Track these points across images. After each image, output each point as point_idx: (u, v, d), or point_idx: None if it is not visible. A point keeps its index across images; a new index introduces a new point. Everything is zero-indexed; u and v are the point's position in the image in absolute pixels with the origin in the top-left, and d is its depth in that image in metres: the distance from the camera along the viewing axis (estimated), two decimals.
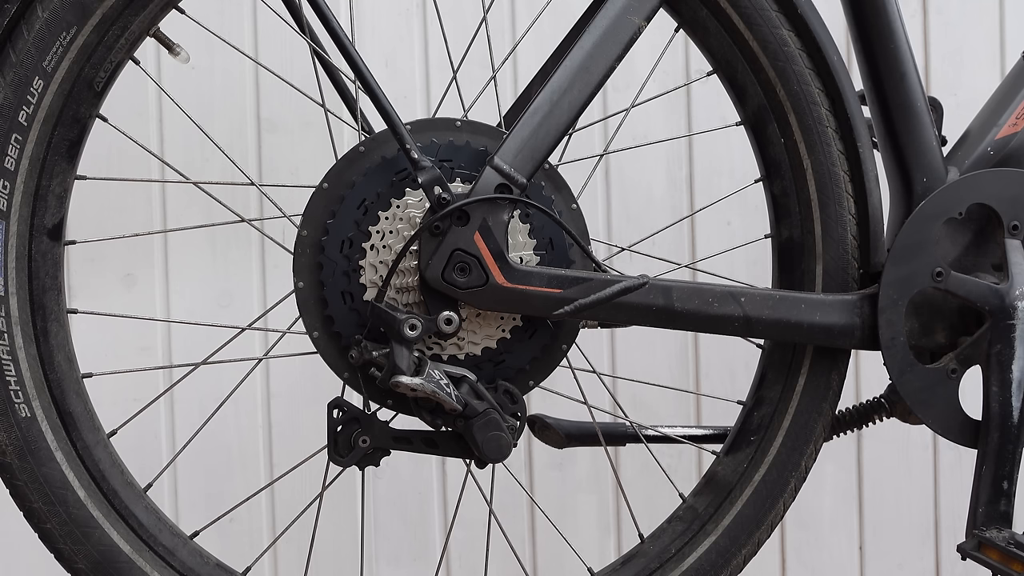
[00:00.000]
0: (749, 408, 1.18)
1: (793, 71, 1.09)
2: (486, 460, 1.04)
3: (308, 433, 1.16)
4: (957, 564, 1.88)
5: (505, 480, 1.25)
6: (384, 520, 1.80)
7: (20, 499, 1.02)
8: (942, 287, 1.10)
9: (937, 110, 1.17)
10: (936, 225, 1.11)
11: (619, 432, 1.25)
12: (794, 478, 1.15)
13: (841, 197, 1.11)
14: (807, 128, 1.10)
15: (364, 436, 1.05)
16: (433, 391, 0.99)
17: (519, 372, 1.07)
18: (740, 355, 1.37)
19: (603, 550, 1.81)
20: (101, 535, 1.04)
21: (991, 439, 1.10)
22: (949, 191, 1.11)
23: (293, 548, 1.72)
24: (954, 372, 1.12)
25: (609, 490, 1.83)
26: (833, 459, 1.83)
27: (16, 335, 1.01)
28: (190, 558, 1.08)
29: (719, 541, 1.14)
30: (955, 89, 1.81)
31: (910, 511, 1.89)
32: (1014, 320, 1.09)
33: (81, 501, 1.03)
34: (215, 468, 1.74)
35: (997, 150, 1.15)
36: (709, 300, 1.07)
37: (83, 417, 1.05)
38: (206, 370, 1.18)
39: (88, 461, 1.05)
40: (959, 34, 1.88)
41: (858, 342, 1.11)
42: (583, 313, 1.03)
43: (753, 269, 1.39)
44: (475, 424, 1.02)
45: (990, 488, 1.10)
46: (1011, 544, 1.06)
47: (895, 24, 1.11)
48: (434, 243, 1.00)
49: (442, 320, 1.01)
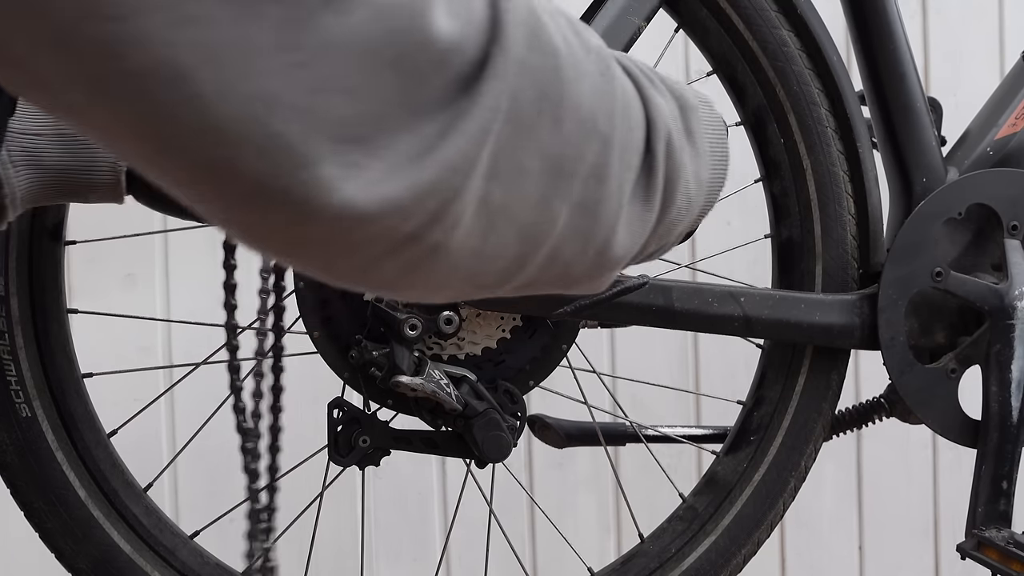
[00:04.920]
0: (749, 408, 1.18)
1: (793, 71, 1.09)
2: (486, 460, 1.04)
3: (308, 433, 1.16)
4: (956, 563, 1.88)
5: (505, 480, 1.25)
6: (384, 520, 1.80)
7: (21, 498, 1.03)
8: (941, 287, 1.10)
9: (936, 110, 1.17)
10: (936, 225, 1.11)
11: (619, 432, 1.25)
12: (794, 478, 1.15)
13: (841, 197, 1.11)
14: (807, 128, 1.10)
15: (364, 436, 1.05)
16: (433, 391, 0.99)
17: (519, 372, 1.07)
18: (740, 355, 1.37)
19: (603, 550, 1.81)
20: (101, 535, 1.04)
21: (990, 439, 1.10)
22: (948, 191, 1.11)
23: (293, 548, 1.72)
24: (953, 372, 1.12)
25: (609, 490, 1.83)
26: (833, 459, 1.83)
27: (17, 335, 1.01)
28: (190, 558, 1.09)
29: (719, 541, 1.14)
30: (954, 89, 1.81)
31: (909, 511, 1.89)
32: (1013, 320, 1.09)
33: (82, 501, 1.03)
34: (215, 468, 1.74)
35: (996, 150, 1.15)
36: (709, 300, 1.07)
37: (83, 417, 1.05)
38: (206, 370, 1.18)
39: (88, 461, 1.05)
40: (958, 34, 1.88)
41: (858, 342, 1.11)
42: (583, 313, 1.03)
43: (753, 269, 1.38)
44: (475, 424, 1.02)
45: (989, 488, 1.10)
46: (1010, 543, 1.06)
47: (895, 24, 1.11)
48: None
49: (442, 320, 1.01)
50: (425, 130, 0.39)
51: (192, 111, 0.35)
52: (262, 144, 0.36)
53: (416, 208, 0.40)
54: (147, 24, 0.33)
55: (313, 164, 0.37)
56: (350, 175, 0.38)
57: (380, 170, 0.38)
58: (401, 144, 0.39)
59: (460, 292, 0.49)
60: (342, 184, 0.37)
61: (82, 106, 0.36)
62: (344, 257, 0.41)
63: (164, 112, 0.35)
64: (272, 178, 0.37)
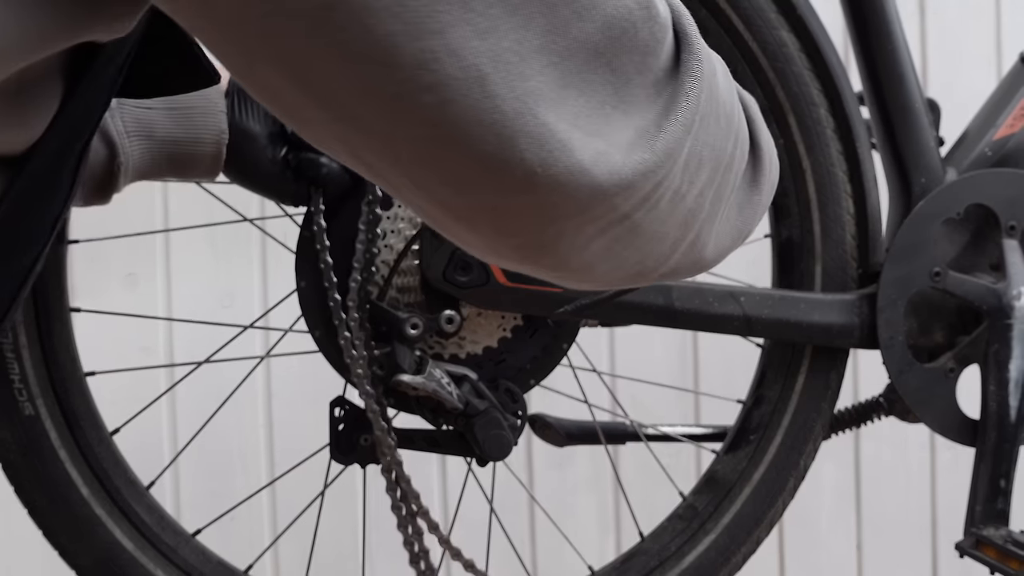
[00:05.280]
0: (748, 407, 1.18)
1: (792, 72, 1.10)
2: (487, 458, 1.04)
3: (309, 432, 1.16)
4: (955, 562, 1.89)
5: (505, 479, 1.26)
6: (385, 519, 1.80)
7: (24, 496, 1.03)
8: (940, 287, 1.11)
9: (935, 111, 1.17)
10: (934, 225, 1.11)
11: (619, 431, 1.26)
12: (793, 477, 1.15)
13: (840, 197, 1.12)
14: (806, 129, 1.11)
15: (365, 435, 1.05)
16: (434, 390, 1.00)
17: (520, 371, 1.07)
18: (740, 354, 1.37)
19: (603, 548, 1.82)
20: (104, 532, 1.04)
21: (989, 438, 1.11)
22: (947, 191, 1.12)
23: (294, 546, 1.73)
24: (952, 371, 1.13)
25: (609, 489, 1.84)
26: (831, 458, 1.84)
27: (20, 334, 1.01)
28: (192, 556, 1.09)
29: (719, 539, 1.14)
30: (953, 90, 1.81)
31: (908, 509, 1.89)
32: (1011, 319, 1.10)
33: (84, 499, 1.04)
34: (217, 466, 1.74)
35: (995, 150, 1.15)
36: (709, 300, 1.07)
37: (86, 415, 1.05)
38: (208, 369, 1.18)
39: (91, 459, 1.05)
40: (957, 35, 1.88)
41: (857, 341, 1.11)
42: (584, 312, 1.03)
43: (753, 269, 1.39)
44: (476, 423, 1.02)
45: (988, 486, 1.11)
46: (1008, 542, 1.06)
47: (893, 25, 1.11)
48: (435, 242, 1.01)
49: (443, 319, 1.02)
50: (647, 119, 0.45)
51: (484, 110, 0.39)
52: (534, 134, 0.41)
53: (637, 189, 0.45)
54: (458, 36, 0.38)
55: (572, 151, 0.42)
56: (598, 160, 0.43)
57: (616, 154, 0.43)
58: (630, 131, 0.44)
59: (626, 277, 0.52)
60: (592, 168, 0.43)
61: (369, 116, 0.41)
62: (567, 237, 0.46)
63: (459, 113, 0.39)
64: (541, 166, 0.41)
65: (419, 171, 0.43)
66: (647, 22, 0.44)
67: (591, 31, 0.42)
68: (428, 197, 0.45)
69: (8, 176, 0.48)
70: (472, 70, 0.39)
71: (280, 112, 0.43)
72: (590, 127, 0.42)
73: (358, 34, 0.37)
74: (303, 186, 0.98)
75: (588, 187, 0.43)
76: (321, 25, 0.37)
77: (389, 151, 0.42)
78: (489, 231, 0.46)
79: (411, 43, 0.37)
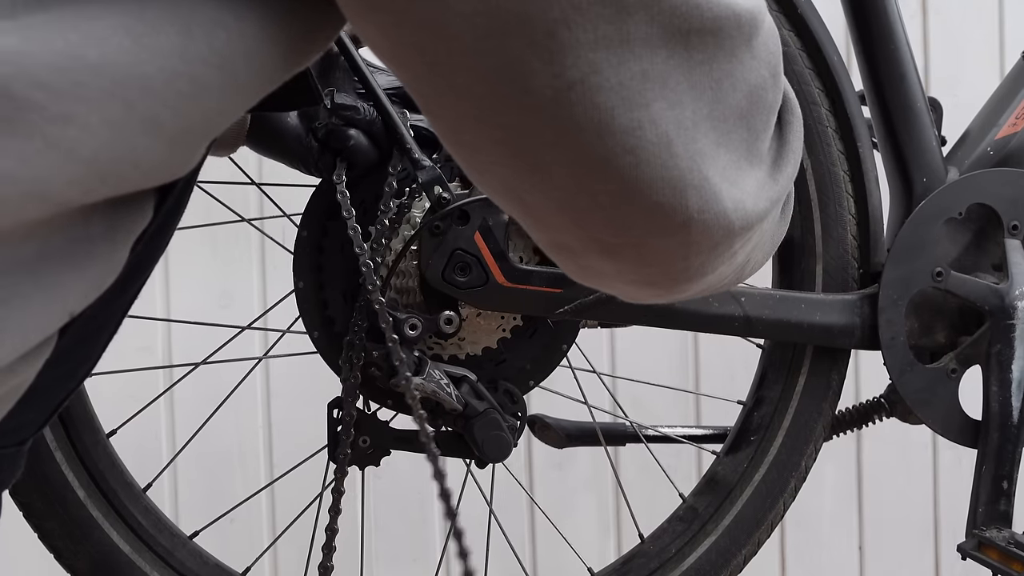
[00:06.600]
0: (749, 408, 1.18)
1: (793, 71, 1.09)
2: (486, 460, 1.04)
3: (308, 433, 1.16)
4: (957, 564, 1.89)
5: (505, 480, 1.25)
6: (384, 520, 1.80)
7: (19, 498, 1.02)
8: (942, 287, 1.10)
9: (937, 110, 1.17)
10: (936, 225, 1.11)
11: (619, 432, 1.25)
12: (794, 478, 1.15)
13: (841, 197, 1.11)
14: (807, 128, 1.10)
15: (364, 436, 1.05)
16: (433, 391, 0.99)
17: (519, 372, 1.07)
18: (740, 355, 1.37)
19: (603, 550, 1.81)
20: (100, 535, 1.04)
21: (991, 439, 1.10)
22: (949, 191, 1.11)
23: (293, 548, 1.72)
24: (954, 372, 1.12)
25: (609, 490, 1.83)
26: (833, 459, 1.83)
27: None
28: (189, 558, 1.08)
29: (719, 541, 1.14)
30: (954, 89, 1.81)
31: (910, 511, 1.89)
32: (1014, 320, 1.09)
33: (80, 501, 1.03)
34: (215, 468, 1.74)
35: (997, 150, 1.15)
36: (709, 300, 1.07)
37: (82, 417, 1.05)
38: (206, 370, 1.18)
39: (87, 461, 1.05)
40: (959, 35, 1.88)
41: (858, 342, 1.11)
42: (583, 313, 1.03)
43: None
44: (475, 424, 1.01)
45: (990, 488, 1.10)
46: (1011, 544, 1.06)
47: (895, 25, 1.11)
48: (434, 243, 1.00)
49: (442, 320, 1.01)
50: (765, 170, 0.53)
51: (667, 167, 0.47)
52: (698, 186, 0.48)
53: (755, 231, 0.53)
54: (658, 108, 0.46)
55: (721, 200, 0.50)
56: (736, 207, 0.50)
57: (747, 201, 0.51)
58: (754, 181, 0.52)
59: (702, 292, 0.59)
60: (731, 214, 0.50)
61: (563, 174, 0.47)
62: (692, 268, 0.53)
63: (648, 171, 0.47)
64: (698, 212, 0.49)
65: (589, 217, 0.49)
66: (774, 87, 0.52)
67: (739, 98, 0.49)
68: (583, 236, 0.51)
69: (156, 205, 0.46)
70: (664, 136, 0.46)
71: (462, 155, 0.49)
72: (731, 178, 0.50)
73: (587, 108, 0.44)
74: (328, 157, 0.98)
75: (725, 229, 0.50)
76: (559, 105, 0.44)
77: (567, 201, 0.49)
78: (629, 263, 0.53)
79: (625, 114, 0.45)
